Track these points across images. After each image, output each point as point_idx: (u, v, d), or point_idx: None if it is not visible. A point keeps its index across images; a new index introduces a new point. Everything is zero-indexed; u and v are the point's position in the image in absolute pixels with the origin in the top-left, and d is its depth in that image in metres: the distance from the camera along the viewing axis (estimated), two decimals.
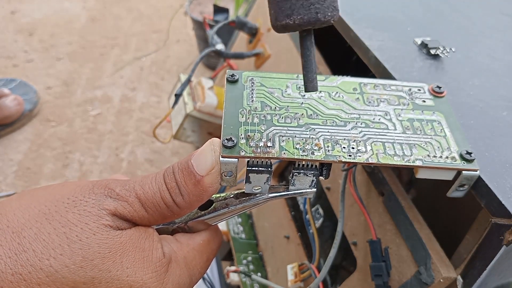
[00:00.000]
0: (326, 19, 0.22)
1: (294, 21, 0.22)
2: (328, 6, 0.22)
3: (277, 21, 0.22)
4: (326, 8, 0.22)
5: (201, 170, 0.23)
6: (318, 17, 0.22)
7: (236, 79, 0.29)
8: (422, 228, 0.29)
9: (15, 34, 1.41)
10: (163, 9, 1.59)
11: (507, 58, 0.38)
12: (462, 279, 0.27)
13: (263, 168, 0.24)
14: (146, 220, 0.23)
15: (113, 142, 1.07)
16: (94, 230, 0.21)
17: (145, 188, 0.23)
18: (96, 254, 0.21)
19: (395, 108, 0.29)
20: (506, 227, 0.25)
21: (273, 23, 0.23)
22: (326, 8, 0.22)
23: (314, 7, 0.21)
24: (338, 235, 0.32)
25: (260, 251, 0.50)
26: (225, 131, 0.25)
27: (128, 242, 0.22)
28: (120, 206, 0.22)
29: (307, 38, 0.23)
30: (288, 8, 0.21)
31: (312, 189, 0.26)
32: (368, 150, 0.25)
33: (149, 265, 0.22)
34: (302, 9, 0.21)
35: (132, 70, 1.30)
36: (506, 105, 0.33)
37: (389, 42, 0.38)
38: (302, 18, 0.21)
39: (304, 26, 0.22)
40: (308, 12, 0.21)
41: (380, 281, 0.30)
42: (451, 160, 0.26)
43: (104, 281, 0.21)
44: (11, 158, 1.01)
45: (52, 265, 0.20)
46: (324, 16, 0.22)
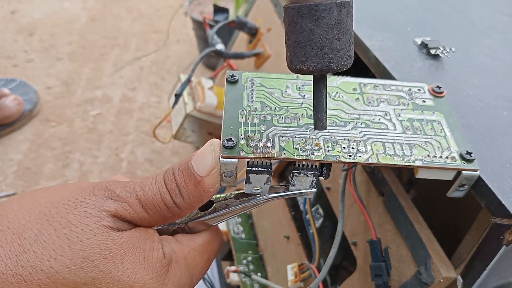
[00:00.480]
0: (338, 67, 0.22)
1: (307, 68, 0.22)
2: (342, 56, 0.22)
3: (292, 64, 0.23)
4: (340, 58, 0.22)
5: (201, 171, 0.23)
6: (331, 66, 0.22)
7: (236, 80, 0.29)
8: (422, 228, 0.29)
9: (15, 34, 1.41)
10: (163, 9, 1.59)
11: (507, 58, 0.38)
12: (462, 279, 0.27)
13: (263, 168, 0.24)
14: (147, 221, 0.23)
15: (113, 142, 1.07)
16: (94, 231, 0.21)
17: (145, 189, 0.23)
18: (97, 255, 0.21)
19: (395, 108, 0.29)
20: (506, 227, 0.25)
21: (288, 65, 0.23)
22: (340, 58, 0.22)
23: (328, 56, 0.22)
24: (338, 235, 0.32)
25: (260, 251, 0.50)
26: (225, 131, 0.25)
27: (129, 243, 0.22)
28: (120, 207, 0.22)
29: (320, 81, 0.23)
30: (302, 55, 0.22)
31: (312, 189, 0.26)
32: (368, 150, 0.25)
33: (150, 265, 0.22)
34: (316, 57, 0.22)
35: (132, 70, 1.30)
36: (506, 105, 0.33)
37: (389, 42, 0.38)
38: (315, 66, 0.22)
39: (317, 73, 0.23)
40: (321, 61, 0.22)
41: (380, 281, 0.30)
42: (451, 160, 0.26)
43: (104, 282, 0.21)
44: (11, 158, 1.01)
45: (53, 266, 0.20)
46: (337, 66, 0.22)
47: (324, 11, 0.21)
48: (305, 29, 0.22)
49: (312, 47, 0.22)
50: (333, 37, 0.22)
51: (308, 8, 0.21)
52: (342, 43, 0.22)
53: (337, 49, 0.22)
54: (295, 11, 0.22)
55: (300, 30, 0.22)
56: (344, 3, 0.22)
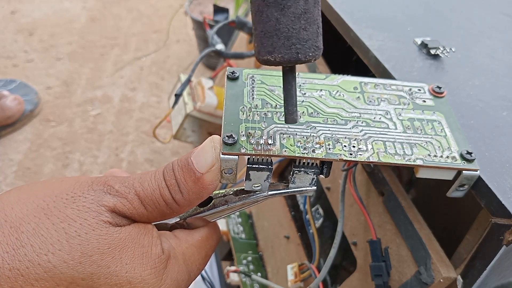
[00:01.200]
0: (307, 59, 0.22)
1: (275, 58, 0.22)
2: (310, 46, 0.22)
3: (259, 55, 0.22)
4: (308, 48, 0.22)
5: (201, 167, 0.23)
6: (299, 57, 0.22)
7: (237, 76, 0.29)
8: (422, 228, 0.29)
9: (15, 34, 1.41)
10: (163, 9, 1.60)
11: (507, 58, 0.38)
12: (462, 279, 0.27)
13: (263, 165, 0.24)
14: (145, 217, 0.23)
15: (113, 142, 1.07)
16: (93, 226, 0.21)
17: (144, 185, 0.23)
18: (95, 249, 0.21)
19: (395, 107, 0.29)
20: (506, 227, 0.25)
21: (256, 56, 0.23)
22: (308, 49, 0.22)
23: (295, 47, 0.21)
24: (338, 235, 0.32)
25: (260, 251, 0.50)
26: (226, 128, 0.25)
27: (127, 238, 0.22)
28: (119, 203, 0.22)
29: (289, 72, 0.23)
30: (269, 45, 0.22)
31: (312, 187, 0.26)
32: (369, 149, 0.25)
33: (148, 261, 0.22)
34: (283, 48, 0.21)
35: (132, 70, 1.30)
36: (506, 105, 0.33)
37: (389, 42, 0.38)
38: (282, 57, 0.22)
39: (285, 64, 0.22)
40: (289, 52, 0.21)
41: (380, 281, 0.30)
42: (452, 159, 0.26)
43: (103, 277, 0.21)
44: (11, 158, 1.01)
45: (51, 261, 0.20)
46: (305, 57, 0.22)
47: (289, 0, 0.21)
48: (271, 18, 0.21)
49: (279, 37, 0.21)
50: (300, 27, 0.21)
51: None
52: (309, 33, 0.22)
53: (304, 39, 0.21)
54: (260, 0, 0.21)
55: (266, 20, 0.21)
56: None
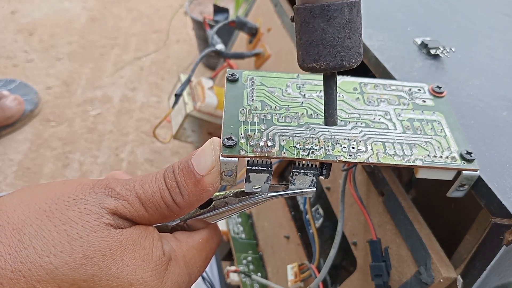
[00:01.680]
0: (350, 65, 0.23)
1: (320, 66, 0.23)
2: (353, 53, 0.23)
3: (304, 63, 0.23)
4: (351, 55, 0.23)
5: (201, 169, 0.23)
6: (343, 64, 0.23)
7: (236, 78, 0.29)
8: (422, 228, 0.29)
9: (15, 34, 1.41)
10: (163, 9, 1.59)
11: (507, 58, 0.38)
12: (462, 279, 0.27)
13: (263, 167, 0.24)
14: (146, 219, 0.23)
15: (113, 142, 1.07)
16: (94, 228, 0.21)
17: (145, 187, 0.23)
18: (97, 251, 0.21)
19: (395, 108, 0.29)
20: (506, 227, 0.25)
21: (300, 63, 0.24)
22: (351, 56, 0.23)
23: (340, 54, 0.22)
24: (338, 235, 0.32)
25: (260, 251, 0.50)
26: (225, 130, 0.25)
27: (129, 240, 0.22)
28: (120, 205, 0.22)
29: (331, 78, 0.24)
30: (315, 54, 0.23)
31: (312, 189, 0.26)
32: (369, 150, 0.25)
33: (149, 263, 0.22)
34: (328, 56, 0.22)
35: (132, 70, 1.30)
36: (506, 105, 0.33)
37: (389, 42, 0.38)
38: (328, 64, 0.23)
39: (329, 71, 0.23)
40: (334, 59, 0.22)
41: (380, 281, 0.30)
42: (451, 160, 0.26)
43: (104, 278, 0.21)
44: (11, 158, 1.01)
45: (52, 262, 0.20)
46: (348, 63, 0.23)
47: (336, 11, 0.22)
48: (318, 28, 0.22)
49: (325, 45, 0.22)
50: (344, 36, 0.22)
51: (320, 8, 0.22)
52: (353, 41, 0.23)
53: (348, 47, 0.22)
54: (307, 11, 0.22)
55: (312, 30, 0.22)
56: (354, 3, 0.22)
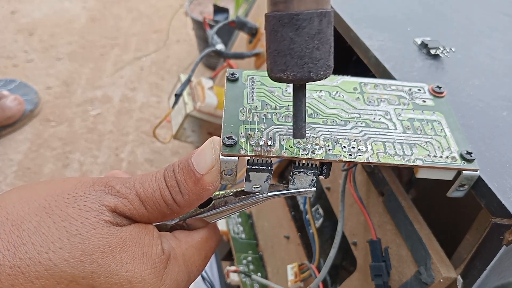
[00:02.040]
0: (318, 77, 0.22)
1: (287, 76, 0.22)
2: (321, 65, 0.22)
3: (272, 72, 0.23)
4: (320, 67, 0.22)
5: (201, 168, 0.23)
6: (311, 75, 0.22)
7: (236, 78, 0.29)
8: (422, 228, 0.29)
9: (15, 34, 1.41)
10: (163, 9, 1.60)
11: (507, 58, 0.38)
12: (462, 279, 0.27)
13: (263, 166, 0.24)
14: (146, 217, 0.23)
15: (113, 142, 1.07)
16: (94, 225, 0.21)
17: (145, 186, 0.23)
18: (96, 248, 0.21)
19: (395, 108, 0.29)
20: (506, 227, 0.25)
21: (269, 73, 0.23)
22: (320, 68, 0.22)
23: (308, 66, 0.22)
24: (338, 235, 0.32)
25: (260, 251, 0.50)
26: (226, 129, 0.25)
27: (128, 237, 0.22)
28: (120, 203, 0.22)
29: (299, 90, 0.24)
30: (282, 64, 0.22)
31: (312, 188, 0.26)
32: (369, 150, 0.25)
33: (148, 261, 0.22)
34: (296, 67, 0.22)
35: (132, 70, 1.30)
36: (506, 105, 0.33)
37: (389, 42, 0.38)
38: (295, 75, 0.22)
39: (297, 82, 0.23)
40: (301, 70, 0.22)
41: (380, 281, 0.30)
42: (451, 160, 0.26)
43: (103, 276, 0.21)
44: (11, 158, 1.01)
45: (51, 259, 0.20)
46: (316, 75, 0.22)
47: (305, 21, 0.21)
48: (286, 38, 0.22)
49: (292, 56, 0.22)
50: (313, 47, 0.22)
51: (289, 17, 0.21)
52: (322, 52, 0.22)
53: (317, 58, 0.22)
54: (276, 19, 0.22)
55: (280, 39, 0.22)
56: (325, 13, 0.22)
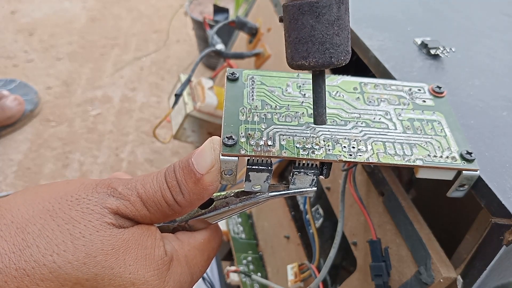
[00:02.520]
0: (339, 62, 0.23)
1: (309, 63, 0.23)
2: (342, 51, 0.23)
3: (293, 60, 0.23)
4: (340, 53, 0.23)
5: (201, 168, 0.23)
6: (332, 61, 0.23)
7: (237, 77, 0.29)
8: (422, 228, 0.29)
9: (15, 34, 1.41)
10: (163, 9, 1.59)
11: (507, 58, 0.38)
12: (462, 279, 0.27)
13: (263, 166, 0.24)
14: (148, 218, 0.23)
15: (113, 142, 1.07)
16: (97, 227, 0.21)
17: (146, 186, 0.23)
18: (99, 251, 0.21)
19: (395, 107, 0.29)
20: (506, 227, 0.25)
21: (289, 61, 0.24)
22: (340, 53, 0.23)
23: (329, 52, 0.22)
24: (338, 235, 0.32)
25: (260, 251, 0.50)
26: (226, 129, 0.25)
27: (131, 239, 0.22)
28: (122, 205, 0.22)
29: (319, 76, 0.24)
30: (304, 51, 0.23)
31: (312, 188, 0.26)
32: (369, 150, 0.25)
33: (152, 262, 0.22)
34: (317, 53, 0.22)
35: (132, 70, 1.30)
36: (506, 105, 0.33)
37: (389, 42, 0.38)
38: (317, 61, 0.23)
39: (318, 68, 0.23)
40: (323, 56, 0.22)
41: (380, 281, 0.30)
42: (452, 160, 0.26)
43: (106, 278, 0.21)
44: (11, 158, 1.01)
45: (56, 261, 0.20)
46: (337, 60, 0.23)
47: (324, 8, 0.22)
48: (306, 25, 0.22)
49: (314, 42, 0.22)
50: (333, 33, 0.22)
51: (309, 5, 0.22)
52: (341, 38, 0.23)
53: (337, 44, 0.22)
54: (295, 8, 0.22)
55: (301, 27, 0.22)
56: (343, 0, 0.22)
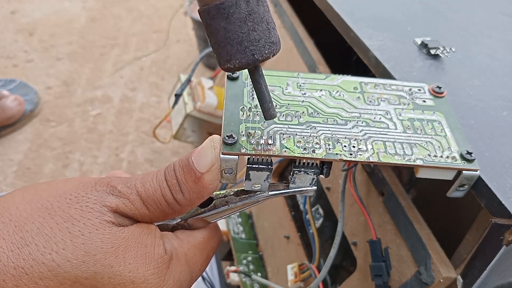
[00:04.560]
0: (264, 57, 0.22)
1: (234, 65, 0.22)
2: (263, 44, 0.22)
3: (220, 65, 0.23)
4: (262, 47, 0.22)
5: (201, 167, 0.23)
6: (256, 57, 0.22)
7: (237, 76, 0.29)
8: (422, 228, 0.29)
9: (15, 34, 1.41)
10: (163, 9, 1.59)
11: (507, 58, 0.38)
12: (462, 279, 0.27)
13: (263, 165, 0.24)
14: (148, 217, 0.23)
15: (113, 142, 1.07)
16: (96, 225, 0.21)
17: (146, 185, 0.23)
18: (99, 249, 0.21)
19: (395, 107, 0.29)
20: (506, 227, 0.25)
21: (220, 66, 0.23)
22: (262, 47, 0.22)
23: (249, 49, 0.22)
24: (338, 235, 0.32)
25: (260, 251, 0.50)
26: (226, 128, 0.25)
27: (130, 237, 0.22)
28: (121, 203, 0.22)
29: (255, 72, 0.23)
30: (226, 54, 0.22)
31: (312, 187, 0.26)
32: (369, 149, 0.25)
33: (151, 261, 0.22)
34: (238, 54, 0.22)
35: (132, 70, 1.30)
36: (506, 105, 0.33)
37: (389, 42, 0.38)
38: (240, 62, 0.22)
39: (246, 67, 0.23)
40: (245, 56, 0.22)
41: (380, 281, 0.30)
42: (452, 160, 0.26)
43: (106, 276, 0.21)
44: (11, 158, 1.01)
45: (54, 260, 0.20)
46: (261, 55, 0.22)
47: (231, 7, 0.21)
48: (220, 29, 0.22)
49: (232, 44, 0.22)
50: (248, 29, 0.22)
51: (216, 8, 0.21)
52: (259, 32, 0.22)
53: (256, 39, 0.22)
54: (206, 13, 0.22)
55: (216, 31, 0.22)
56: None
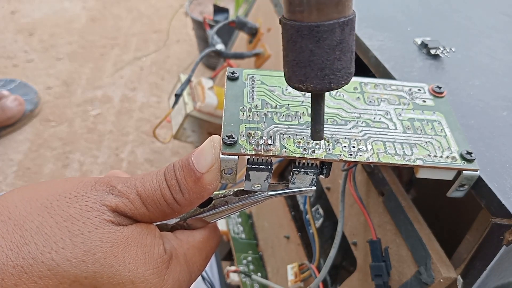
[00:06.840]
0: (339, 87, 0.21)
1: (306, 87, 0.21)
2: (343, 75, 0.21)
3: (290, 81, 0.22)
4: (341, 77, 0.21)
5: (201, 167, 0.23)
6: (331, 86, 0.21)
7: (237, 77, 0.29)
8: (422, 228, 0.29)
9: (15, 34, 1.41)
10: (163, 9, 1.59)
11: (507, 58, 0.38)
12: (462, 279, 0.27)
13: (263, 166, 0.24)
14: (147, 217, 0.23)
15: (113, 142, 1.07)
16: (96, 224, 0.21)
17: (145, 185, 0.23)
18: (98, 248, 0.21)
19: (395, 107, 0.29)
20: (506, 227, 0.25)
21: (286, 80, 0.22)
22: (341, 78, 0.21)
23: (328, 77, 0.21)
24: (338, 235, 0.32)
25: (260, 251, 0.50)
26: (226, 128, 0.25)
27: (130, 237, 0.22)
28: (121, 203, 0.22)
29: (319, 97, 0.22)
30: (302, 75, 0.21)
31: (312, 188, 0.26)
32: (369, 149, 0.25)
33: (151, 261, 0.22)
34: (316, 79, 0.21)
35: (132, 70, 1.30)
36: (506, 105, 0.33)
37: (389, 42, 0.38)
38: (314, 86, 0.21)
39: (317, 92, 0.22)
40: (321, 82, 0.21)
41: (380, 281, 0.30)
42: (452, 160, 0.26)
43: (106, 276, 0.21)
44: (11, 158, 1.01)
45: (54, 259, 0.20)
46: (337, 85, 0.21)
47: (326, 32, 0.20)
48: (305, 50, 0.20)
49: (312, 68, 0.21)
50: (334, 58, 0.20)
51: (309, 29, 0.20)
52: (343, 62, 0.21)
53: (338, 69, 0.21)
54: (294, 30, 0.20)
55: (299, 50, 0.21)
56: (347, 22, 0.20)
